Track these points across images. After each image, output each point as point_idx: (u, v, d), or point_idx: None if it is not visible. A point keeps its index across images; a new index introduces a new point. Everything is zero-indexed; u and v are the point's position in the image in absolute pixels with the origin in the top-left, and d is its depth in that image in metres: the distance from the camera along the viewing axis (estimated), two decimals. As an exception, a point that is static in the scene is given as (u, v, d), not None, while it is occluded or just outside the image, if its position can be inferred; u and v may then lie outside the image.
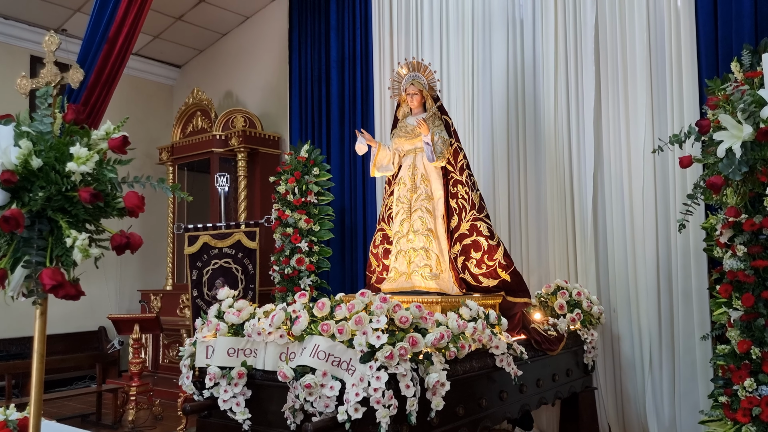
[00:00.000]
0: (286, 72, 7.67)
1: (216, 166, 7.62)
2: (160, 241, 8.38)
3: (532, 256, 5.62)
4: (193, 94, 8.06)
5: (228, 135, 7.65)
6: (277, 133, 7.93)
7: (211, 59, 8.96)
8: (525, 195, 5.71)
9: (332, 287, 6.36)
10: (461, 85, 6.09)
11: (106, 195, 1.70)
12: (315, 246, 6.21)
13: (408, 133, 4.80)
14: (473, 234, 4.63)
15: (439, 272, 4.59)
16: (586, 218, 5.34)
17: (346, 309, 3.27)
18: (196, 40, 8.86)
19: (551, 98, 5.58)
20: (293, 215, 6.18)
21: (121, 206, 1.72)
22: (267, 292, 6.42)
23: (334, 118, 7.09)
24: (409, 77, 4.83)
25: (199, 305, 6.38)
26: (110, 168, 1.69)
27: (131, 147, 1.70)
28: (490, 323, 3.92)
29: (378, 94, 6.73)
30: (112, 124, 1.82)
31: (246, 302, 3.80)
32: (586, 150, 5.39)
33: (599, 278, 5.30)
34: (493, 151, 5.91)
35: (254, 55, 8.40)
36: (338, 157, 7.01)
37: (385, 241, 5.05)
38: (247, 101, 8.38)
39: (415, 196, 4.70)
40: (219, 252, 6.33)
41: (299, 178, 6.27)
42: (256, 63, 8.37)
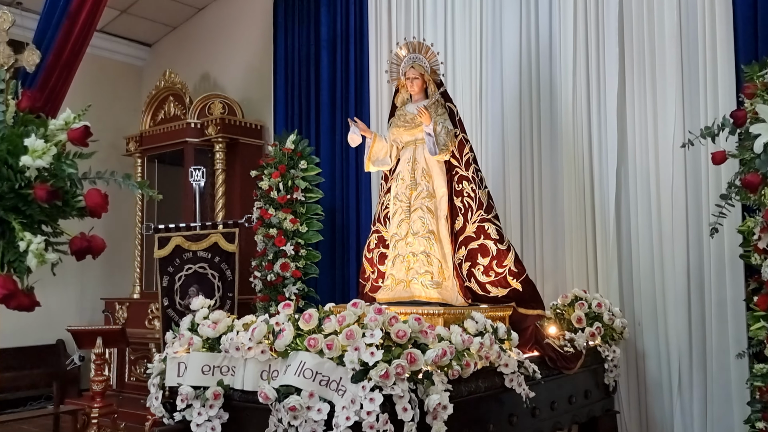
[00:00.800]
0: (271, 52, 7.66)
1: (190, 158, 7.59)
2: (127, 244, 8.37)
3: (546, 262, 5.63)
4: (164, 76, 8.05)
5: (204, 123, 7.63)
6: (259, 122, 7.92)
7: (185, 37, 8.95)
8: (539, 193, 5.72)
9: (321, 296, 6.33)
10: (468, 69, 6.10)
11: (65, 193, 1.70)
12: (302, 249, 6.21)
13: (407, 123, 4.80)
14: (480, 237, 4.62)
15: (442, 280, 4.59)
16: (608, 220, 5.35)
17: (336, 321, 3.27)
18: (169, 16, 8.84)
19: (569, 84, 5.59)
20: (277, 214, 6.18)
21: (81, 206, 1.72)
22: (247, 302, 6.40)
23: (324, 105, 7.09)
24: (409, 59, 4.83)
25: (170, 316, 6.36)
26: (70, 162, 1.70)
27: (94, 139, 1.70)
28: (499, 338, 3.92)
29: (374, 79, 6.72)
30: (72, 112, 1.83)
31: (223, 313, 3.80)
32: (608, 143, 5.40)
33: (622, 287, 5.31)
34: (504, 143, 5.91)
35: (234, 33, 8.40)
36: (328, 149, 7.01)
37: (381, 245, 5.05)
38: (226, 85, 8.37)
39: (414, 193, 4.70)
40: (193, 256, 6.32)
41: (284, 173, 6.26)
42: (236, 42, 8.37)
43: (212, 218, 7.29)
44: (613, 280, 5.29)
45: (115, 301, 8.15)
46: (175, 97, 7.96)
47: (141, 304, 7.86)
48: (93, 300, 8.48)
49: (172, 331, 3.82)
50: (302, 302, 6.07)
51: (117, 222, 8.32)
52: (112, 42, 8.98)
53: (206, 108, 7.74)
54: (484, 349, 3.68)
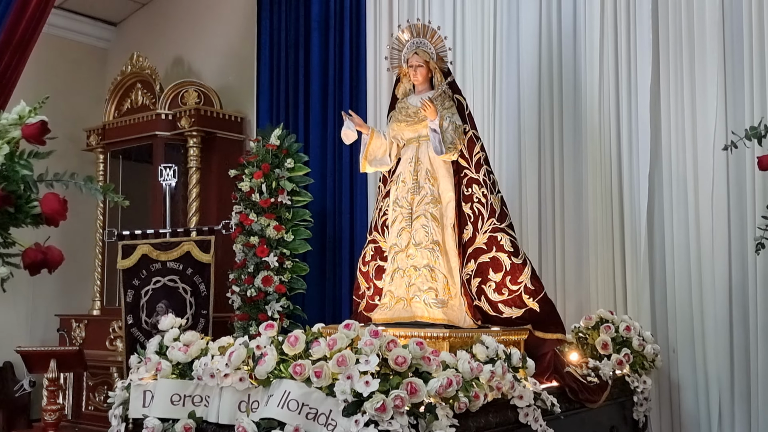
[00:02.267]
0: (254, 34, 7.65)
1: (160, 154, 7.57)
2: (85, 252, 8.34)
3: (568, 278, 5.64)
4: (131, 60, 8.03)
5: (176, 114, 7.61)
6: (240, 113, 7.91)
7: (156, 15, 8.94)
8: (560, 199, 5.73)
9: (308, 315, 6.32)
10: (480, 55, 6.11)
11: (18, 197, 1.71)
12: (287, 261, 6.19)
13: (410, 117, 4.79)
14: (492, 249, 4.62)
15: (448, 298, 4.58)
16: (639, 231, 5.35)
17: (325, 345, 3.26)
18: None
19: (595, 74, 5.60)
20: (259, 220, 6.17)
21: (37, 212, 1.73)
22: (224, 321, 6.39)
23: (314, 96, 7.08)
24: (413, 44, 4.83)
25: (135, 336, 6.33)
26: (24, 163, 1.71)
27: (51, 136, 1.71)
28: (513, 366, 3.91)
29: (372, 66, 6.72)
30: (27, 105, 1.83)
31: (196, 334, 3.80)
32: (639, 142, 5.41)
33: (654, 309, 5.32)
34: (520, 141, 5.92)
35: (213, 11, 8.40)
36: (319, 146, 7.00)
37: (378, 257, 5.03)
38: (203, 71, 8.36)
39: (417, 198, 4.69)
40: (162, 267, 6.30)
41: (268, 173, 6.25)
42: (214, 21, 8.36)
43: (184, 224, 7.25)
44: (644, 300, 5.29)
45: (72, 318, 8.12)
46: (144, 84, 7.94)
47: (101, 322, 7.82)
48: (46, 317, 8.45)
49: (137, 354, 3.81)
50: (287, 322, 6.05)
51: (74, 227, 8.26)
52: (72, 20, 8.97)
53: (179, 97, 7.72)
54: (496, 378, 3.67)
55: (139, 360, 3.78)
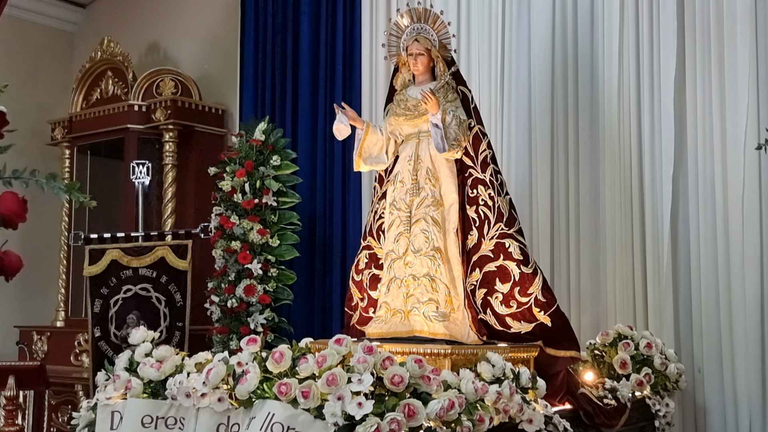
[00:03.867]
0: (237, 17, 7.64)
1: (133, 149, 7.54)
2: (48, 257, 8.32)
3: (583, 289, 5.64)
4: (102, 45, 7.99)
5: (151, 106, 7.58)
6: (221, 105, 7.89)
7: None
8: (575, 202, 5.73)
9: (295, 329, 6.27)
10: (487, 43, 6.11)
11: (-28, 197, 1.70)
12: (272, 269, 6.17)
13: (409, 110, 4.80)
14: (499, 257, 4.62)
15: (450, 311, 4.58)
16: (662, 237, 5.36)
17: (314, 362, 3.26)
18: (108, -31, 8.82)
19: (614, 63, 5.60)
20: (242, 223, 6.15)
21: (-7, 213, 1.72)
22: (201, 334, 6.34)
23: (303, 86, 7.07)
24: (413, 31, 4.83)
25: (103, 351, 6.30)
26: (-21, 158, 1.69)
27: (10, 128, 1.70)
28: (522, 386, 3.91)
29: (368, 54, 6.72)
30: (-17, 93, 1.82)
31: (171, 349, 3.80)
32: (663, 140, 5.42)
33: (678, 323, 5.32)
34: (531, 137, 5.93)
35: (191, -8, 8.40)
36: (308, 142, 7.00)
37: (373, 264, 5.04)
38: (180, 58, 8.34)
39: (417, 200, 4.70)
40: (134, 274, 6.27)
41: (252, 171, 6.23)
42: (193, 3, 8.35)
43: (159, 227, 7.25)
44: (667, 314, 5.29)
45: (33, 330, 8.09)
46: (115, 73, 7.92)
47: (66, 334, 7.78)
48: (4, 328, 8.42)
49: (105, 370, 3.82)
50: (271, 336, 6.03)
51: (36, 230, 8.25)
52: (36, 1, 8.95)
53: (154, 86, 7.70)
54: (503, 400, 3.68)
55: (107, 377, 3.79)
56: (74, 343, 7.62)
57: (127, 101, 7.67)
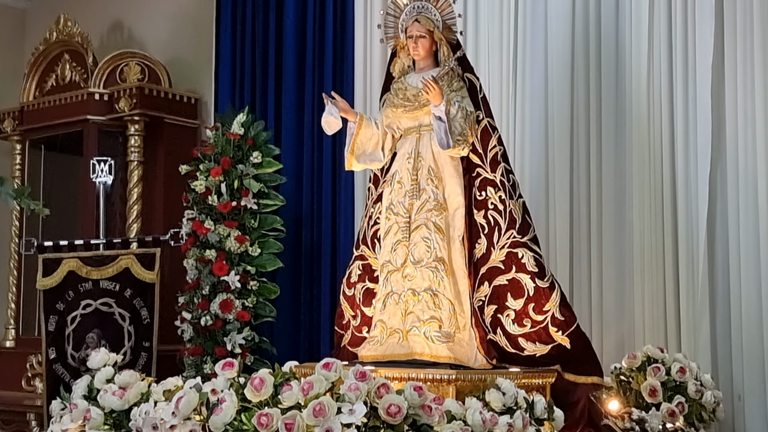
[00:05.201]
0: (213, -7, 7.65)
1: (93, 144, 7.56)
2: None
3: (607, 306, 5.62)
4: (58, 25, 8.01)
5: (114, 94, 7.59)
6: (194, 93, 7.90)
7: (90, -30, 8.91)
8: (598, 206, 5.71)
9: (278, 351, 6.30)
10: (497, 24, 6.09)
11: None
12: (252, 281, 6.17)
13: (408, 101, 4.80)
14: (511, 269, 4.62)
15: (454, 330, 4.59)
16: (697, 246, 5.33)
17: (299, 390, 3.27)
18: (67, -61, 8.77)
19: (642, 48, 5.59)
20: (218, 229, 6.14)
21: None
22: (171, 355, 6.36)
23: (288, 72, 7.08)
24: (413, 9, 4.82)
25: (58, 375, 6.30)
26: None
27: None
28: (536, 417, 3.92)
29: (361, 36, 6.71)
30: None
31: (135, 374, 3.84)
32: (698, 136, 5.39)
33: (716, 345, 5.30)
34: (548, 132, 5.92)
35: (160, -35, 8.37)
36: (293, 136, 7.00)
37: (367, 277, 5.04)
38: (147, 39, 8.34)
39: (417, 204, 4.71)
40: (94, 287, 6.27)
41: (229, 169, 6.24)
42: (163, -23, 8.34)
43: (123, 233, 7.27)
44: (702, 335, 5.27)
45: (-22, 351, 8.08)
46: (73, 56, 7.95)
47: (16, 355, 7.83)
48: (-54, 347, 8.40)
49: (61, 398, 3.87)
50: (251, 359, 6.04)
51: (-16, 236, 8.26)
52: (-16, -25, 8.93)
53: (117, 72, 7.73)
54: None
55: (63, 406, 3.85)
56: (26, 365, 7.66)
57: (86, 89, 7.68)
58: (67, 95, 7.74)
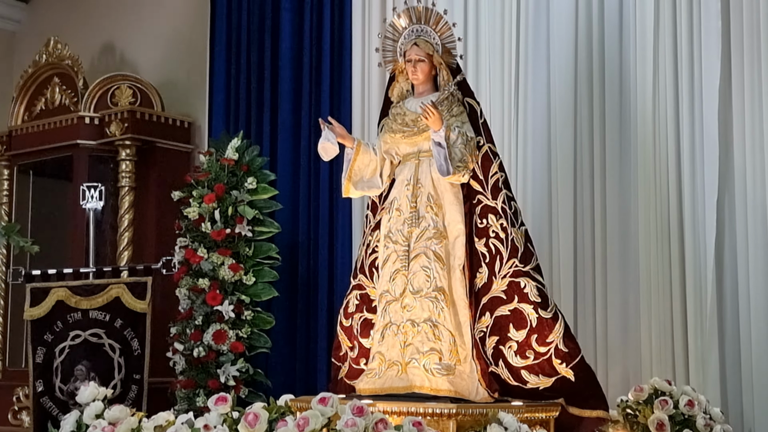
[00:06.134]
0: (206, 14, 7.66)
1: (83, 169, 7.53)
2: (-18, 297, 8.30)
3: (612, 337, 5.64)
4: (47, 47, 7.97)
5: (105, 118, 7.56)
6: (188, 117, 7.87)
7: (79, -10, 8.97)
8: (602, 234, 5.73)
9: (273, 383, 6.29)
10: (499, 47, 6.14)
11: None
12: (246, 311, 6.19)
13: (407, 126, 4.85)
14: (513, 299, 4.66)
15: (455, 363, 4.62)
16: (705, 274, 5.36)
17: (294, 426, 3.27)
18: (55, -43, 8.82)
19: (647, 72, 5.64)
20: (211, 258, 6.18)
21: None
22: (163, 388, 6.33)
23: (284, 96, 7.08)
24: (412, 33, 4.88)
25: (46, 409, 6.29)
26: None
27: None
28: (540, 452, 3.92)
29: (359, 60, 6.74)
30: None
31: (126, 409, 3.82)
32: (705, 159, 5.44)
33: (725, 377, 5.32)
34: (551, 158, 5.96)
35: (153, -15, 8.44)
36: (289, 162, 7.00)
37: (365, 307, 5.07)
38: (139, 62, 8.33)
39: (416, 231, 4.75)
40: (83, 318, 6.27)
41: (222, 196, 6.26)
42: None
43: (113, 261, 7.25)
44: (711, 366, 5.28)
45: (-38, 384, 8.08)
46: (63, 79, 7.92)
47: (2, 388, 7.72)
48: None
49: None
50: (245, 391, 6.04)
51: (-32, 265, 8.22)
52: (-30, -5, 8.99)
53: (108, 95, 7.71)
54: (517, 469, 3.69)
55: None
56: (12, 398, 7.56)
57: (76, 112, 7.67)
58: (56, 119, 7.72)
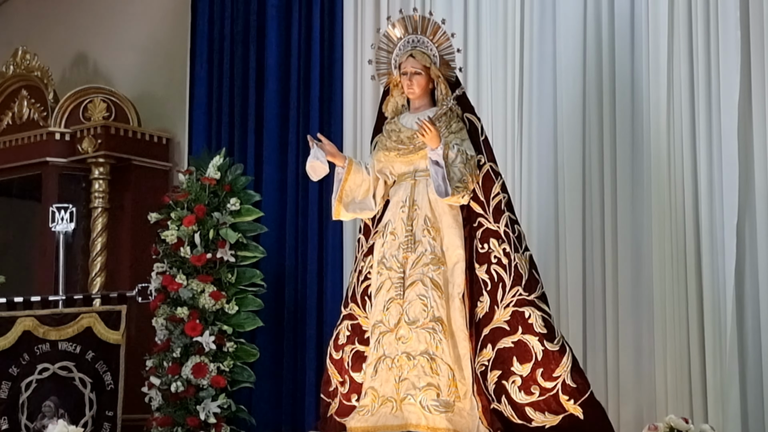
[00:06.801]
0: (187, 23, 7.69)
1: (53, 189, 7.56)
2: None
3: (624, 371, 5.61)
4: (15, 58, 8.03)
5: (77, 134, 7.59)
6: (166, 133, 7.90)
7: (50, -4, 8.98)
8: (613, 260, 5.72)
9: (258, 421, 6.30)
10: (501, 59, 6.15)
11: None
12: (229, 342, 6.18)
13: (402, 144, 4.85)
14: (517, 330, 4.64)
15: (454, 399, 4.60)
16: (724, 303, 5.34)
17: None
18: (26, -38, 8.85)
19: (661, 87, 5.63)
20: (190, 284, 6.16)
21: None
22: (138, 425, 6.33)
23: (269, 111, 7.11)
24: (407, 44, 4.88)
25: None
26: None
27: None
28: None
29: (351, 71, 6.77)
30: None
31: None
32: (724, 179, 5.43)
33: (747, 414, 5.28)
34: (558, 178, 5.95)
35: (129, -8, 8.45)
36: (276, 182, 7.02)
37: (357, 339, 5.06)
38: (114, 73, 8.36)
39: (412, 257, 4.74)
40: (52, 349, 6.27)
41: (203, 218, 6.26)
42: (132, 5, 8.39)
43: (85, 288, 7.25)
44: (732, 403, 5.25)
45: None
46: (32, 92, 7.95)
47: None
48: None
49: None
50: (227, 429, 6.04)
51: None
52: (-68, 1, 8.99)
53: (80, 109, 7.74)
54: None
55: None
56: None
57: (46, 128, 7.69)
58: (24, 135, 7.74)
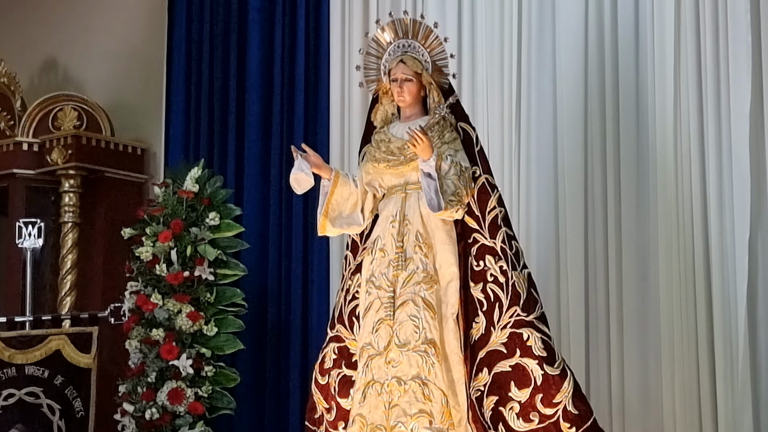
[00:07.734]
0: (163, 27, 7.72)
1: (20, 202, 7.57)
2: None
3: (629, 396, 5.63)
4: (-20, 63, 8.07)
5: (46, 144, 7.60)
6: (140, 143, 7.91)
7: None
8: (617, 278, 5.74)
9: None
10: (498, 66, 6.17)
11: None
12: (207, 366, 6.19)
13: (393, 155, 4.86)
14: (515, 353, 4.63)
15: (448, 426, 4.58)
16: (735, 324, 5.36)
17: None
18: (-9, -39, 8.88)
19: (668, 94, 5.66)
20: (167, 304, 6.18)
21: None
22: (110, 456, 6.35)
23: (251, 120, 7.13)
24: (397, 49, 4.91)
25: None
26: None
27: None
28: None
29: (337, 78, 6.79)
30: None
31: None
32: (735, 192, 5.45)
33: (760, 440, 5.31)
34: (558, 191, 5.98)
35: (102, -7, 8.46)
36: (258, 195, 7.04)
37: (344, 362, 5.05)
38: (86, 80, 8.36)
39: (403, 275, 4.74)
40: (18, 374, 6.29)
41: (180, 234, 6.28)
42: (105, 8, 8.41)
43: (54, 309, 7.25)
44: (744, 429, 5.26)
45: None
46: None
47: None
48: None
49: None
50: None
51: None
52: None
53: (50, 118, 7.75)
54: None
55: None
56: None
57: (13, 138, 7.70)
58: None
